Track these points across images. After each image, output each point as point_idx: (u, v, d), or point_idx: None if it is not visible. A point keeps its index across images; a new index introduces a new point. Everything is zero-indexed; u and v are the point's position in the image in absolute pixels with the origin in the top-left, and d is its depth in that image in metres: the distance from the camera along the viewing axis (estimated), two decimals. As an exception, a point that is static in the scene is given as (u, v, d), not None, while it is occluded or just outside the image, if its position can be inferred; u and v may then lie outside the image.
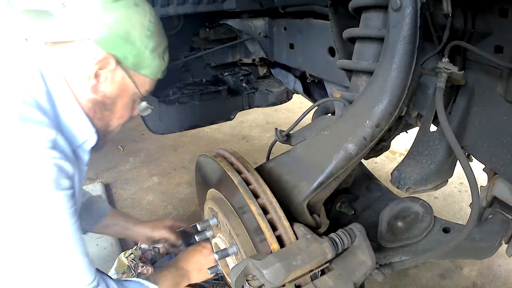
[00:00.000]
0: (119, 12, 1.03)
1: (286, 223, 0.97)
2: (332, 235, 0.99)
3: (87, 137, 1.12)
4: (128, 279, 1.24)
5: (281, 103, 2.32)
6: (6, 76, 0.96)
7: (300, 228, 0.98)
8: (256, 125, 4.15)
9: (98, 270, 1.08)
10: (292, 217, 1.02)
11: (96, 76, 1.05)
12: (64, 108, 1.04)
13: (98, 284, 1.04)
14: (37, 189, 0.89)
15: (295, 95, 2.33)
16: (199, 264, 1.39)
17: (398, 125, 1.14)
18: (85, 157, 1.16)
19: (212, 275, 1.44)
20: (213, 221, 1.17)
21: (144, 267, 1.98)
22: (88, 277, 1.01)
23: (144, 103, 1.21)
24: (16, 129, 0.89)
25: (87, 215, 1.58)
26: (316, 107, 1.32)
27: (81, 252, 1.00)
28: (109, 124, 1.17)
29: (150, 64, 1.13)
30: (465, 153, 1.02)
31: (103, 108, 1.12)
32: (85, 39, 1.01)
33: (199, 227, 1.19)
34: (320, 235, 0.99)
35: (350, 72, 1.19)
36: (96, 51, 1.02)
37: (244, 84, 2.28)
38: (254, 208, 0.97)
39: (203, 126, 2.30)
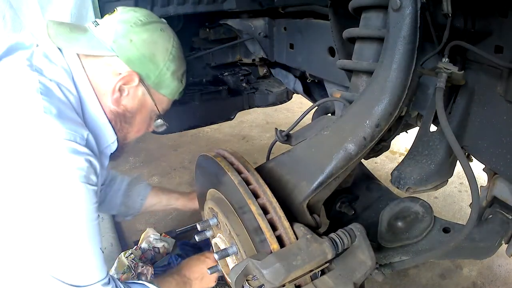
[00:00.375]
0: (147, 34, 1.13)
1: (286, 223, 0.97)
2: (332, 235, 0.98)
3: (109, 142, 1.19)
4: (134, 281, 1.27)
5: (281, 103, 2.32)
6: (44, 78, 1.03)
7: (300, 228, 0.98)
8: (256, 125, 4.15)
9: None
10: (292, 217, 1.02)
11: (120, 90, 1.13)
12: (91, 112, 1.12)
13: (109, 282, 1.07)
14: (71, 182, 0.95)
15: (295, 95, 2.32)
16: (201, 273, 1.45)
17: (398, 125, 1.14)
18: (105, 161, 1.24)
19: (214, 283, 1.47)
20: (213, 221, 1.17)
21: (144, 267, 1.98)
22: (102, 274, 1.05)
23: (159, 120, 1.30)
24: (53, 124, 0.95)
25: (131, 201, 1.71)
26: (316, 107, 1.32)
27: (99, 248, 1.05)
28: (127, 136, 1.25)
29: (170, 85, 1.22)
30: (465, 153, 1.02)
31: (123, 120, 1.20)
32: (113, 56, 1.11)
33: (199, 227, 1.19)
34: (320, 235, 0.99)
35: (350, 72, 1.19)
36: (122, 68, 1.12)
37: (244, 84, 2.28)
38: (254, 208, 0.97)
39: (203, 126, 2.30)
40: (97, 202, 1.03)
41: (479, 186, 0.90)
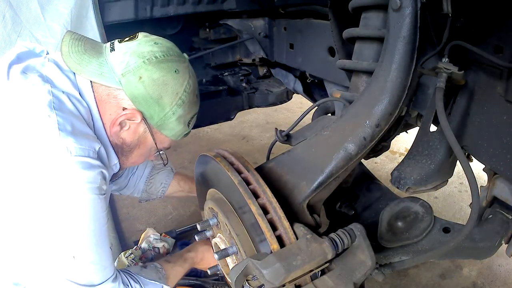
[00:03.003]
0: (158, 74, 1.07)
1: (286, 223, 0.97)
2: (332, 235, 0.98)
3: (112, 164, 1.18)
4: (143, 265, 1.31)
5: (281, 103, 2.32)
6: (56, 90, 1.02)
7: (300, 228, 0.98)
8: (256, 125, 4.15)
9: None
10: (292, 217, 1.02)
11: (121, 124, 1.11)
12: (98, 130, 1.11)
13: (116, 277, 1.11)
14: (83, 196, 0.97)
15: (295, 95, 2.32)
16: (209, 264, 1.47)
17: (398, 125, 1.14)
18: (111, 173, 1.22)
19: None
20: (213, 221, 1.17)
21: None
22: (112, 271, 1.09)
23: (161, 153, 1.27)
24: (68, 142, 0.95)
25: (153, 188, 1.74)
26: (316, 107, 1.32)
27: (108, 250, 1.09)
28: (121, 166, 1.22)
29: (174, 128, 1.18)
30: (465, 153, 1.02)
31: (119, 152, 1.18)
32: (120, 89, 1.07)
33: (199, 227, 1.19)
34: (320, 235, 0.99)
35: (350, 72, 1.19)
36: (126, 103, 1.08)
37: (244, 84, 2.28)
38: (254, 208, 0.97)
39: (203, 126, 2.30)
40: (107, 206, 1.07)
41: (479, 186, 0.90)
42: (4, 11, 1.43)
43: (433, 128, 1.08)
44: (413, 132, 1.23)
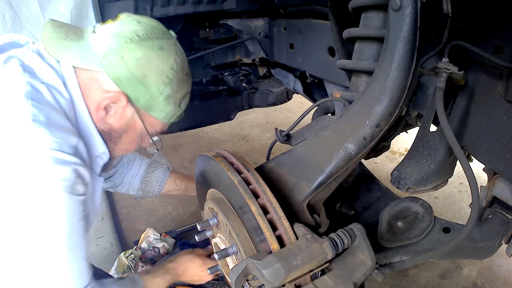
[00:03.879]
0: (141, 52, 1.02)
1: (286, 223, 0.97)
2: (332, 235, 0.98)
3: (99, 152, 1.12)
4: (124, 276, 1.27)
5: (281, 103, 2.32)
6: (35, 81, 0.97)
7: (300, 228, 0.98)
8: (256, 125, 4.15)
9: (102, 274, 1.09)
10: (292, 217, 1.02)
11: (106, 108, 1.06)
12: (83, 119, 1.05)
13: None
14: (53, 192, 0.91)
15: (295, 95, 2.32)
16: (194, 275, 1.45)
17: (398, 125, 1.14)
18: (97, 169, 1.17)
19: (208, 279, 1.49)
20: (213, 221, 1.17)
21: (144, 267, 1.98)
22: (83, 281, 1.02)
23: (155, 138, 1.20)
24: (41, 133, 0.90)
25: (149, 186, 1.70)
26: (316, 107, 1.32)
27: (82, 256, 1.01)
28: (112, 154, 1.16)
29: (163, 110, 1.11)
30: (465, 153, 1.02)
31: (108, 138, 1.12)
32: (102, 72, 1.02)
33: (199, 227, 1.19)
34: (320, 235, 0.99)
35: (350, 72, 1.19)
36: (110, 86, 1.03)
37: (244, 84, 2.28)
38: (254, 208, 0.97)
39: (203, 126, 2.30)
40: (84, 210, 0.99)
41: (479, 186, 0.90)
42: (4, 11, 1.44)
43: (433, 128, 1.08)
44: (413, 132, 1.23)
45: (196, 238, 1.29)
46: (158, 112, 1.12)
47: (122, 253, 2.11)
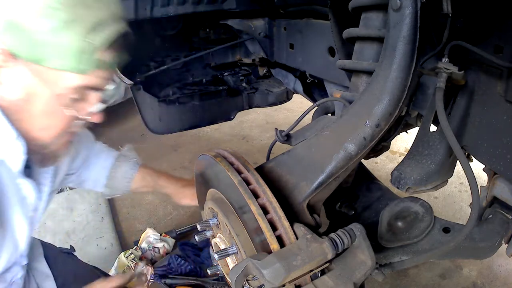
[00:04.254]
0: None
1: (286, 223, 0.97)
2: (332, 235, 0.98)
3: (9, 139, 0.87)
4: None
5: (281, 103, 2.33)
6: None
7: (300, 228, 0.98)
8: (256, 125, 4.15)
9: (102, 274, 1.02)
10: (292, 217, 1.02)
11: None
12: None
13: None
14: None
15: (295, 95, 2.33)
16: None
17: (398, 125, 1.14)
18: (18, 161, 0.91)
19: None
20: (213, 221, 1.17)
21: (144, 267, 1.99)
22: None
23: (71, 99, 0.87)
24: None
25: (116, 183, 1.52)
26: (316, 107, 1.32)
27: None
28: (32, 137, 0.90)
29: (64, 52, 0.79)
30: (465, 153, 1.02)
31: (14, 119, 0.87)
32: None
33: (199, 227, 1.19)
34: (320, 235, 0.99)
35: (350, 72, 1.19)
36: None
37: (244, 84, 2.28)
38: (254, 208, 0.97)
39: (203, 126, 2.30)
40: None
41: (479, 186, 0.90)
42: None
43: (433, 128, 1.08)
44: (413, 132, 1.23)
45: (196, 238, 1.29)
46: (58, 59, 0.79)
47: (122, 253, 2.11)
